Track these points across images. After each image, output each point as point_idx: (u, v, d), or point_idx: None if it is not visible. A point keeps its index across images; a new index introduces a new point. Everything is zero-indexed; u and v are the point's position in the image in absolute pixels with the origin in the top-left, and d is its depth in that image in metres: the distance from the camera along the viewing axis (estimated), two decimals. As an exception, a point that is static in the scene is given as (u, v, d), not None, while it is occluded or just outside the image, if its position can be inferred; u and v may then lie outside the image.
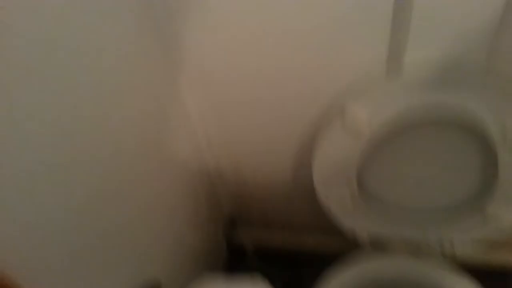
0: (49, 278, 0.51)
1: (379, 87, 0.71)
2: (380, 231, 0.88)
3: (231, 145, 0.99)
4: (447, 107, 0.68)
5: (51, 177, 0.51)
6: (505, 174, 0.71)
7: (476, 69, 0.67)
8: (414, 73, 0.69)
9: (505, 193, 0.74)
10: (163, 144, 0.81)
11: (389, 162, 0.79)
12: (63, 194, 0.53)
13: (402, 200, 0.84)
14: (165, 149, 0.82)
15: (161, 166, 0.81)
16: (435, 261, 0.86)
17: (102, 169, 0.61)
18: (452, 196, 0.81)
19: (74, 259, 0.55)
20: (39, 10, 0.48)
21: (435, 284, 0.84)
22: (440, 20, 0.66)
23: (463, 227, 0.82)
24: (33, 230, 0.48)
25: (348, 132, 0.74)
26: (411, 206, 0.84)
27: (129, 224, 0.70)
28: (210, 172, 1.07)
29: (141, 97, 0.72)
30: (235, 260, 1.17)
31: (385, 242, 0.91)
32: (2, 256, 0.44)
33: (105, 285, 0.62)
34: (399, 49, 0.70)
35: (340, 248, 1.07)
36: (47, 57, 0.49)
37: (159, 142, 0.79)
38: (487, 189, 0.76)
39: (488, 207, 0.77)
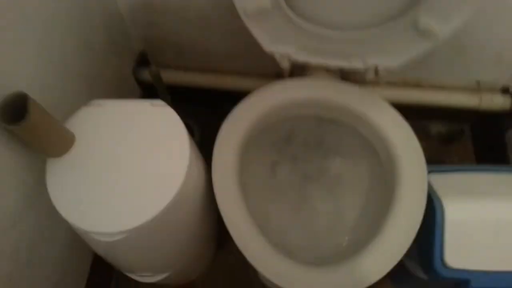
0: None
1: None
2: (303, 56, 0.78)
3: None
4: None
5: None
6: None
7: None
8: None
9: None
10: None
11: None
12: None
13: (329, 17, 0.73)
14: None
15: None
16: (360, 89, 0.80)
17: None
18: (382, 7, 0.71)
19: None
20: None
21: (356, 111, 0.78)
22: None
23: (391, 49, 0.75)
24: None
25: None
26: (339, 24, 0.74)
27: None
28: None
29: None
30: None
31: (307, 70, 0.83)
32: None
33: None
34: None
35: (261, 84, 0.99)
36: None
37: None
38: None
39: (420, 18, 0.68)
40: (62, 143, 0.62)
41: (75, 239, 0.82)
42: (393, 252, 0.65)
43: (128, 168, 0.62)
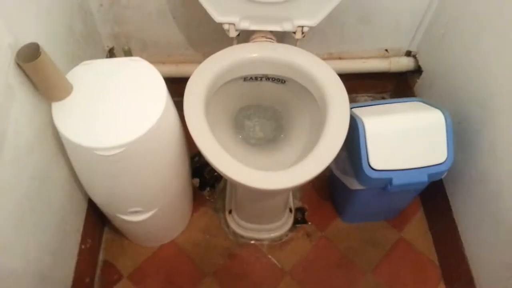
0: None
1: None
2: (246, 24, 1.01)
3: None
4: None
5: None
6: None
7: None
8: None
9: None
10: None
11: None
12: None
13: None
14: None
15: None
16: (293, 47, 1.02)
17: None
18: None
19: None
20: None
21: (290, 62, 1.00)
22: None
23: (310, 11, 0.99)
24: None
25: None
26: None
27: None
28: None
29: None
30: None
31: (251, 39, 1.06)
32: None
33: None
34: None
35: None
36: None
37: None
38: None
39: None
40: (63, 89, 0.79)
41: (73, 187, 0.97)
42: (330, 152, 0.85)
43: (118, 104, 0.80)
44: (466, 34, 1.04)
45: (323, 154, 0.85)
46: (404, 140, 0.96)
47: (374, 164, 0.94)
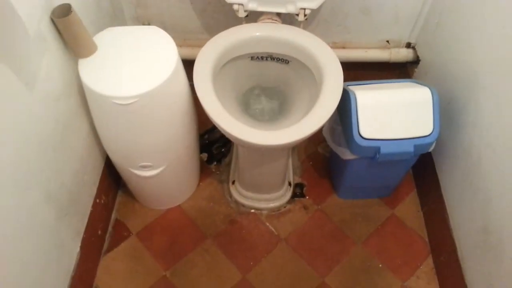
0: None
1: None
2: (254, 5, 1.12)
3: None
4: None
5: None
6: None
7: None
8: None
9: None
10: None
11: None
12: None
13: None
14: None
15: None
16: (295, 27, 1.13)
17: None
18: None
19: None
20: None
21: (292, 41, 1.10)
22: None
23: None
24: None
25: None
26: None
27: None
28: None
29: None
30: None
31: (257, 17, 1.17)
32: None
33: None
34: None
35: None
36: None
37: None
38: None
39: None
40: (89, 47, 0.91)
41: (92, 143, 1.08)
42: (322, 115, 0.94)
43: (135, 62, 0.91)
44: (456, 22, 1.13)
45: (316, 117, 0.94)
46: (393, 112, 1.04)
47: (364, 133, 1.02)
